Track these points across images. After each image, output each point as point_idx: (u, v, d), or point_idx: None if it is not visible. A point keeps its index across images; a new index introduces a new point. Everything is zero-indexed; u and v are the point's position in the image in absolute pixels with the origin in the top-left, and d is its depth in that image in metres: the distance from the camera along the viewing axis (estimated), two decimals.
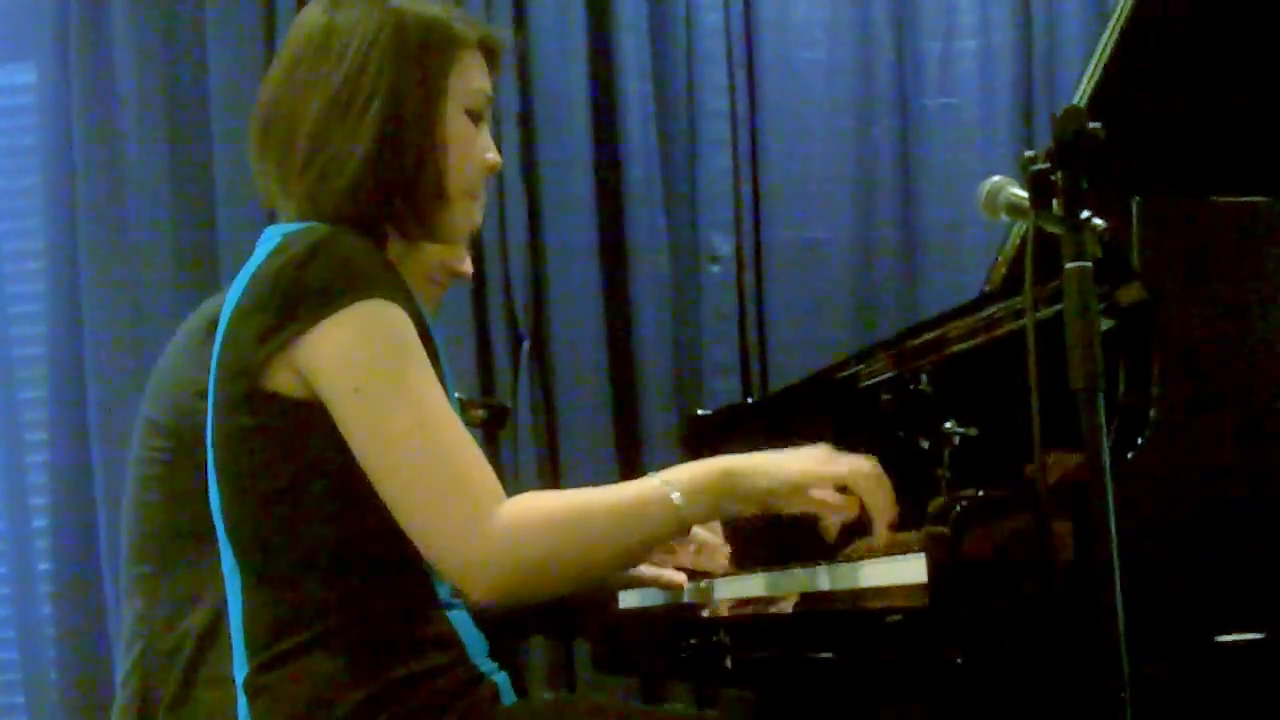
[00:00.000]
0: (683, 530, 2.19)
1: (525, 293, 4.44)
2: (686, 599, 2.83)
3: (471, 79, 2.27)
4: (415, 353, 2.08)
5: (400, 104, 2.19)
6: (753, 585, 2.56)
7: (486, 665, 2.23)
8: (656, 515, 2.14)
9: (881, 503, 2.23)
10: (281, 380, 2.08)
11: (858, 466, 2.24)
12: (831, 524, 2.30)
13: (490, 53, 2.32)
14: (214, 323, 2.66)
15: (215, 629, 2.69)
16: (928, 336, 2.81)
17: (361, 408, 2.05)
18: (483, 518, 2.03)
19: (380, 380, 2.05)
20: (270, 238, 2.18)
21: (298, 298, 2.05)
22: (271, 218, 4.25)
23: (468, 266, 2.90)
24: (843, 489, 2.25)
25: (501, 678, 2.24)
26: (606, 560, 2.20)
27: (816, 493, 2.23)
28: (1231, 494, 2.23)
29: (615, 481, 4.35)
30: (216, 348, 2.18)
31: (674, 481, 2.15)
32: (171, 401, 2.82)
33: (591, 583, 2.69)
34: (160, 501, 2.84)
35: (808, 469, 2.22)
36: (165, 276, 4.39)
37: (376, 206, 2.19)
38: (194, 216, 4.45)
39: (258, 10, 4.44)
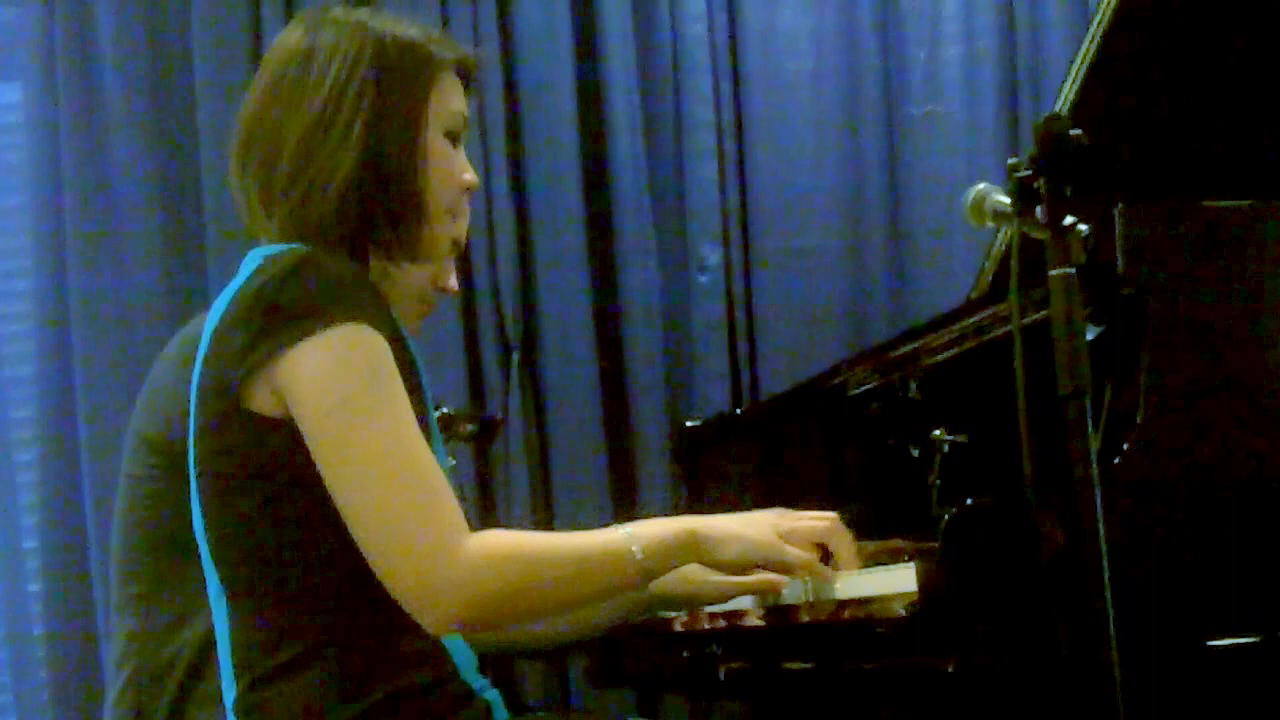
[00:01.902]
0: (641, 583, 2.22)
1: (515, 304, 4.44)
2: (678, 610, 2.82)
3: (449, 100, 2.29)
4: (390, 379, 2.08)
5: (382, 126, 2.20)
6: (746, 597, 2.56)
7: (478, 682, 2.23)
8: (616, 566, 2.17)
9: (844, 557, 2.33)
10: (260, 399, 2.08)
11: (817, 531, 2.34)
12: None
13: (466, 75, 2.34)
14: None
15: (210, 647, 2.68)
16: (915, 344, 2.81)
17: (331, 429, 2.05)
18: (444, 548, 2.04)
19: (352, 404, 2.05)
20: (253, 259, 2.18)
21: (277, 317, 2.05)
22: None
23: (454, 282, 2.91)
24: None
25: (493, 695, 2.24)
26: (561, 603, 2.24)
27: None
28: (1220, 497, 2.24)
29: (606, 493, 4.42)
30: (197, 366, 2.18)
31: (639, 536, 2.18)
32: (163, 418, 2.81)
33: (544, 622, 2.73)
34: (153, 519, 2.82)
35: (769, 546, 2.30)
36: (154, 294, 4.38)
37: (359, 227, 2.20)
38: (182, 234, 4.44)
39: (244, 27, 4.43)
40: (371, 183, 2.18)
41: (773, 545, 2.30)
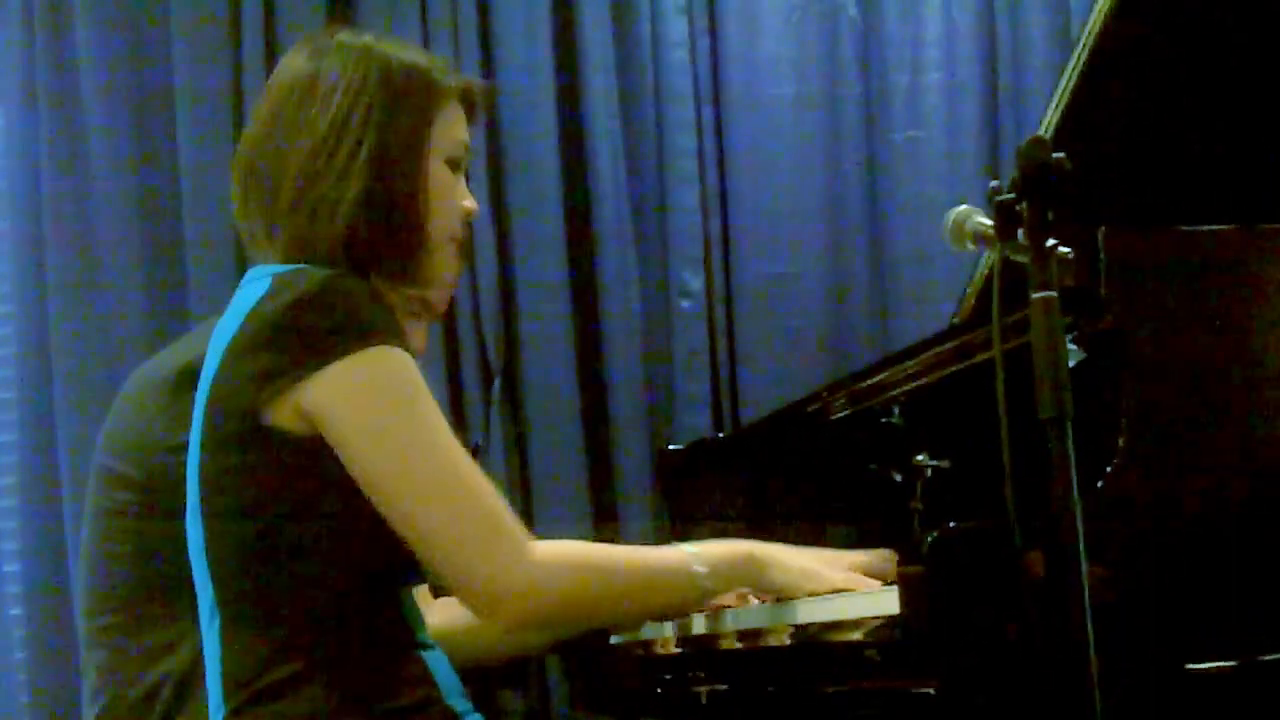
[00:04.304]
0: (701, 601, 2.35)
1: (496, 330, 4.44)
2: (663, 634, 2.82)
3: (452, 129, 2.31)
4: (426, 398, 2.13)
5: (386, 152, 2.22)
6: (728, 619, 2.56)
7: (462, 705, 2.23)
8: (679, 583, 2.27)
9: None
10: (284, 418, 2.10)
11: (863, 567, 2.45)
12: None
13: (469, 104, 2.35)
14: (182, 372, 2.66)
15: (190, 681, 2.66)
16: (897, 369, 2.82)
17: (384, 451, 2.09)
18: (522, 552, 2.12)
19: (402, 424, 2.09)
20: (257, 278, 2.18)
21: (306, 339, 2.07)
22: (240, 255, 4.27)
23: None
24: None
25: (476, 718, 2.25)
26: (627, 612, 2.36)
27: None
28: (1201, 521, 2.24)
29: (589, 518, 4.41)
30: (204, 387, 2.18)
31: (701, 556, 2.28)
32: (139, 456, 2.78)
33: (605, 627, 2.81)
34: (126, 553, 2.80)
35: (819, 575, 2.39)
36: (135, 318, 4.37)
37: (365, 249, 2.20)
38: (163, 258, 4.43)
39: (225, 52, 4.43)
40: (375, 209, 2.20)
41: (818, 575, 2.38)
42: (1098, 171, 2.44)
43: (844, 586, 2.37)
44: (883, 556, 2.48)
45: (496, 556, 2.10)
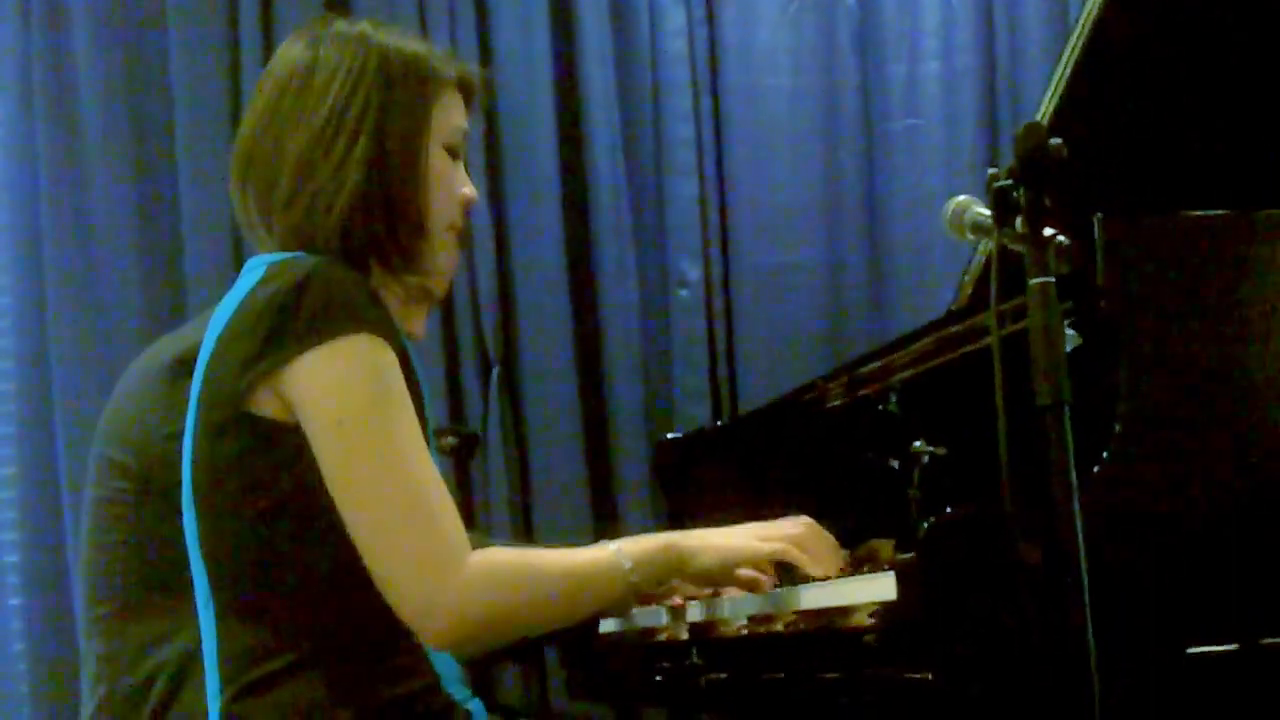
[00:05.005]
0: (630, 597, 2.31)
1: (495, 320, 4.45)
2: (661, 622, 2.83)
3: (451, 116, 2.30)
4: (399, 394, 2.09)
5: (386, 139, 2.21)
6: (725, 607, 2.57)
7: (460, 692, 2.24)
8: (608, 581, 2.24)
9: (822, 562, 2.39)
10: (267, 405, 2.09)
11: (792, 536, 2.41)
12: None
13: (467, 91, 2.34)
14: (180, 361, 2.66)
15: (188, 668, 2.66)
16: (894, 356, 2.82)
17: (340, 443, 2.06)
18: (448, 569, 2.07)
19: (362, 418, 2.06)
20: (254, 268, 2.18)
21: (288, 324, 2.06)
22: (238, 249, 4.28)
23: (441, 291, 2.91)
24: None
25: (475, 704, 2.25)
26: (557, 618, 2.28)
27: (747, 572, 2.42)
28: (1199, 505, 2.24)
29: (587, 508, 4.41)
30: (198, 375, 2.17)
31: (626, 552, 2.24)
32: (137, 444, 2.78)
33: (538, 635, 2.79)
34: (124, 542, 2.80)
35: (746, 549, 2.38)
36: (133, 311, 4.38)
37: (364, 239, 2.20)
38: (161, 251, 4.45)
39: (223, 44, 4.44)
40: (374, 200, 2.19)
41: (743, 553, 2.37)
42: (1095, 159, 2.45)
43: (775, 555, 2.38)
44: (810, 523, 2.46)
45: (426, 572, 2.06)
